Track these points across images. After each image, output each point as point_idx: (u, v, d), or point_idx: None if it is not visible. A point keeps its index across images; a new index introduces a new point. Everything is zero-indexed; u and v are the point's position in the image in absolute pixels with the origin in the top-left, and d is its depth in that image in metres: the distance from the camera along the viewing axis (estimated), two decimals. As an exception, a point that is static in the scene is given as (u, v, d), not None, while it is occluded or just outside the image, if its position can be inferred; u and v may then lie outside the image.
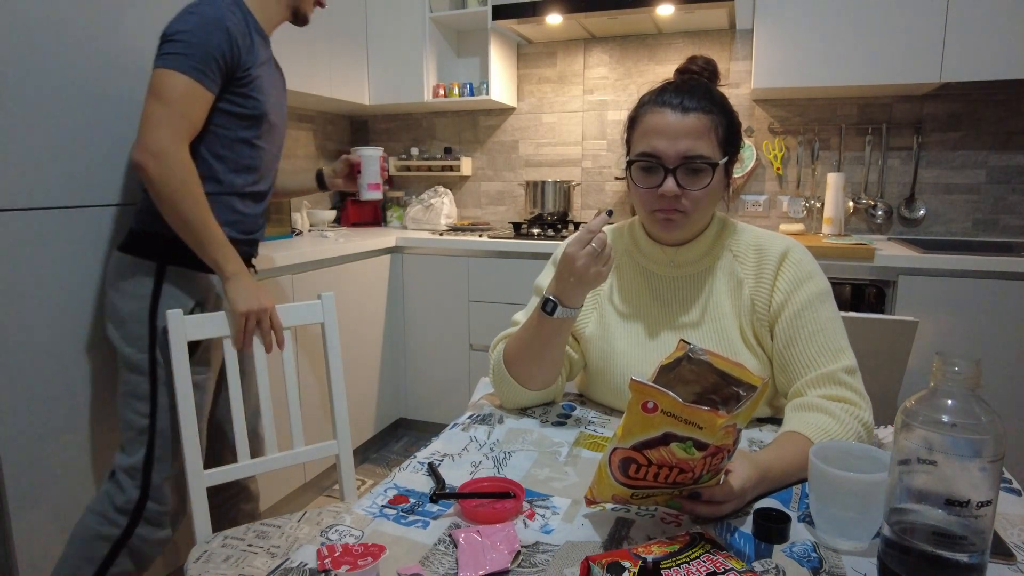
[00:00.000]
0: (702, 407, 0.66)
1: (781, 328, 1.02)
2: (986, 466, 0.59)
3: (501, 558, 0.68)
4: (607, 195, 3.12)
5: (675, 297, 1.10)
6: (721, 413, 0.66)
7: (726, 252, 1.10)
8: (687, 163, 0.99)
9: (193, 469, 1.31)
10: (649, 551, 0.66)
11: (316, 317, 1.49)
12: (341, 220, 3.31)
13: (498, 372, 1.11)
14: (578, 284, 0.97)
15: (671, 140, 0.98)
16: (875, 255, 2.17)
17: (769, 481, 0.82)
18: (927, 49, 2.25)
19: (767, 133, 2.82)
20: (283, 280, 2.18)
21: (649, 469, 0.70)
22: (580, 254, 0.95)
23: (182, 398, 1.30)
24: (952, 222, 2.64)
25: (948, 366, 0.61)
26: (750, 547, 0.72)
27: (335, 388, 1.50)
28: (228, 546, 1.28)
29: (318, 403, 2.38)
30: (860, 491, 0.69)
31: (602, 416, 1.12)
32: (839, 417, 0.91)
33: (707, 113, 0.99)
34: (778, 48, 2.42)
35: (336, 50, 2.78)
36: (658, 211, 1.03)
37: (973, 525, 0.60)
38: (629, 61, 2.99)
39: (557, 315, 1.00)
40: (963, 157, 2.59)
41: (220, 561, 1.23)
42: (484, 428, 1.06)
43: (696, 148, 0.98)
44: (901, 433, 0.63)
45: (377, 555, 0.66)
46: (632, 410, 0.69)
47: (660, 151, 0.99)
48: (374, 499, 0.84)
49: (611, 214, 1.01)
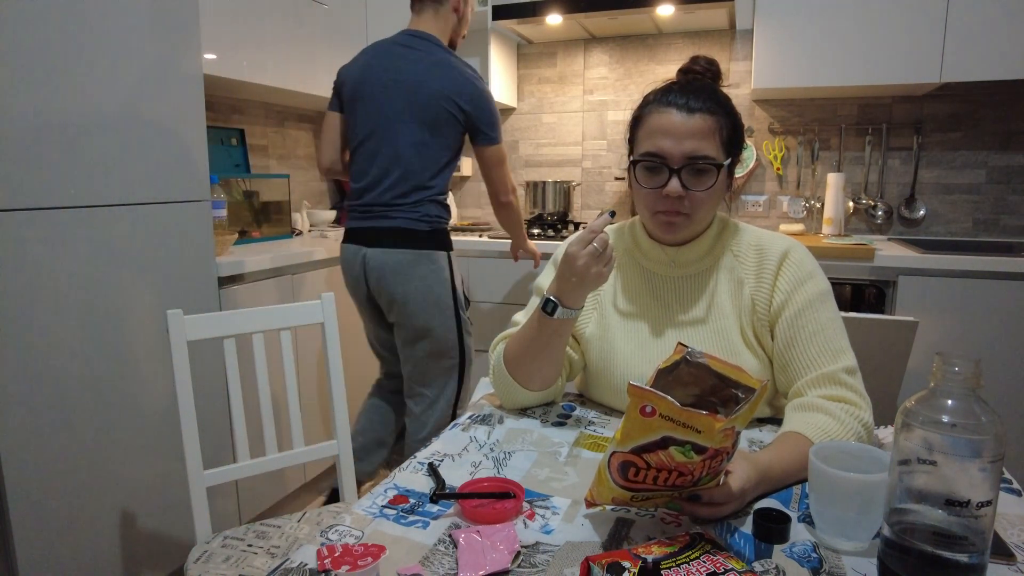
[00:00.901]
0: (700, 411, 0.66)
1: (781, 328, 1.02)
2: (986, 466, 0.59)
3: (501, 558, 0.68)
4: (607, 195, 3.12)
5: (675, 297, 1.10)
6: (719, 417, 0.66)
7: (727, 252, 1.10)
8: (691, 164, 0.99)
9: (193, 469, 1.31)
10: (649, 551, 0.66)
11: (316, 317, 1.49)
12: (341, 220, 3.31)
13: (498, 372, 1.11)
14: (579, 284, 0.97)
15: (676, 140, 0.98)
16: (875, 255, 2.17)
17: (769, 481, 0.82)
18: (927, 49, 2.25)
19: (767, 133, 2.82)
20: (283, 280, 2.18)
21: (648, 473, 0.70)
22: (581, 253, 0.95)
23: (182, 398, 1.30)
24: (952, 222, 2.64)
25: (948, 366, 0.61)
26: (750, 547, 0.72)
27: (335, 388, 1.50)
28: (228, 546, 1.28)
29: (318, 403, 2.38)
30: (860, 491, 0.69)
31: (602, 416, 1.12)
32: (839, 417, 0.91)
33: (712, 114, 0.99)
34: (778, 48, 2.42)
35: (336, 50, 2.78)
36: (660, 213, 1.03)
37: (973, 525, 0.60)
38: (629, 61, 2.99)
39: (557, 316, 1.00)
40: (963, 157, 2.59)
41: (220, 561, 1.23)
42: (484, 428, 1.06)
43: (701, 149, 0.98)
44: (901, 433, 0.63)
45: (377, 555, 0.66)
46: (630, 414, 0.69)
47: (665, 151, 0.99)
48: (374, 499, 0.84)
49: (613, 215, 1.00)
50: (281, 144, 3.01)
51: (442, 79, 1.94)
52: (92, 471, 1.59)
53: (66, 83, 1.48)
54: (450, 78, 1.94)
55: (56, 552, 1.50)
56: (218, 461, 1.50)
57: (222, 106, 2.65)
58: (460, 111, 1.95)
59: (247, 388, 1.43)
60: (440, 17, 2.04)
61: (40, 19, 1.42)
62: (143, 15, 1.64)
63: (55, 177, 1.48)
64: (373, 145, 1.99)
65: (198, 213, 1.83)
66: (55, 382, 1.50)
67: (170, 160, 1.73)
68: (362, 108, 2.01)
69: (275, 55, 2.42)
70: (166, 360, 1.71)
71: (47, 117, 1.45)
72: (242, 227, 2.47)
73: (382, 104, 1.97)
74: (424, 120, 1.94)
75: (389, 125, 1.96)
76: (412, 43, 2.00)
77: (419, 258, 1.96)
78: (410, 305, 1.98)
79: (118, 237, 1.62)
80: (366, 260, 1.99)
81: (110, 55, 1.57)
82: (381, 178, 1.98)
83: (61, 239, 1.49)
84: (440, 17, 2.04)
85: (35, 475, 1.46)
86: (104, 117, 1.56)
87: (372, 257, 1.98)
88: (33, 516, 1.47)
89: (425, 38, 2.01)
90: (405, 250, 1.95)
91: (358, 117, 2.02)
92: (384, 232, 1.97)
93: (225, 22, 2.19)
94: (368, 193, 2.00)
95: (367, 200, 2.00)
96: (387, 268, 1.96)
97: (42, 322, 1.46)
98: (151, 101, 1.67)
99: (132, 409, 1.67)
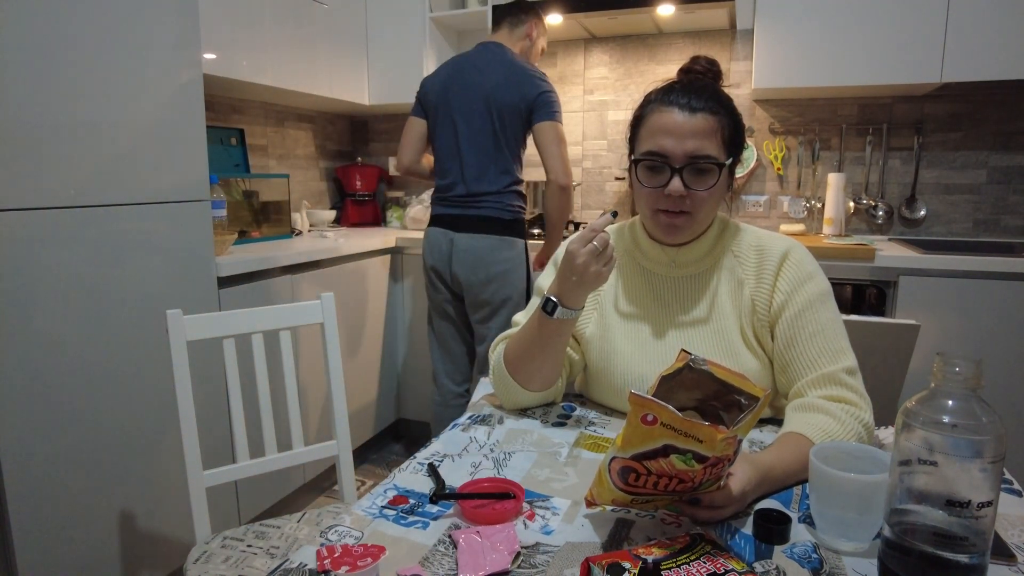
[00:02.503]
0: (702, 422, 0.65)
1: (781, 329, 1.02)
2: (987, 467, 0.59)
3: (501, 559, 0.68)
4: (607, 195, 3.12)
5: (676, 297, 1.10)
6: (721, 428, 0.65)
7: (727, 253, 1.09)
8: (693, 163, 0.99)
9: (193, 469, 1.31)
10: (649, 552, 0.66)
11: (316, 317, 1.49)
12: (341, 220, 3.31)
13: (498, 373, 1.11)
14: (579, 283, 0.97)
15: (678, 140, 0.98)
16: (876, 255, 2.17)
17: (770, 482, 0.82)
18: (928, 49, 2.25)
19: (767, 133, 2.82)
20: (283, 280, 2.18)
21: (649, 478, 0.70)
22: (582, 251, 0.95)
23: (182, 398, 1.30)
24: (953, 222, 2.63)
25: (949, 367, 0.61)
26: (750, 548, 0.72)
27: (334, 388, 1.49)
28: (228, 546, 1.28)
29: (318, 403, 2.38)
30: (861, 492, 0.69)
31: (602, 417, 1.12)
32: (840, 418, 0.91)
33: (714, 114, 0.99)
34: (778, 48, 2.42)
35: (336, 50, 2.78)
36: (662, 214, 1.03)
37: (974, 526, 0.59)
38: (629, 61, 2.99)
39: (557, 316, 1.00)
40: (964, 157, 2.59)
41: (220, 561, 1.23)
42: (484, 429, 1.06)
43: (703, 148, 0.98)
44: (902, 434, 0.62)
45: (377, 556, 0.66)
46: (631, 422, 0.68)
47: (667, 150, 0.99)
48: (374, 500, 0.83)
49: (615, 215, 1.00)
50: (281, 144, 3.01)
51: (508, 78, 2.13)
52: (92, 471, 1.59)
53: (66, 83, 1.48)
54: (514, 76, 2.14)
55: (55, 552, 1.50)
56: (218, 461, 1.49)
57: (222, 106, 2.65)
58: (526, 99, 2.12)
59: (247, 388, 1.42)
60: (514, 35, 2.28)
61: (39, 19, 1.42)
62: (143, 15, 1.63)
63: (55, 177, 1.48)
64: (457, 142, 2.20)
65: (198, 213, 1.83)
66: (55, 382, 1.49)
67: (170, 160, 1.73)
68: (444, 114, 2.22)
69: (275, 55, 2.42)
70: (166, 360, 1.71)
71: (47, 117, 1.45)
72: (242, 227, 2.47)
73: (464, 105, 2.18)
74: (498, 118, 2.14)
75: (470, 123, 2.17)
76: (485, 52, 2.23)
77: (501, 244, 2.18)
78: (492, 285, 2.19)
79: (118, 237, 1.61)
80: (454, 243, 2.21)
81: (110, 55, 1.57)
82: (465, 171, 2.19)
83: (61, 239, 1.49)
84: (514, 35, 2.28)
85: (35, 475, 1.46)
86: (104, 117, 1.56)
87: (460, 241, 2.20)
88: (33, 516, 1.46)
89: (497, 46, 2.23)
90: (490, 236, 2.17)
91: (440, 120, 2.24)
92: (472, 220, 2.19)
93: (225, 22, 2.19)
94: (456, 186, 2.22)
95: (456, 192, 2.22)
96: (472, 251, 2.18)
97: (42, 322, 1.46)
98: (151, 101, 1.67)
99: (132, 409, 1.67)
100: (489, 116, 2.15)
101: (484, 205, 2.19)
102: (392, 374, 2.88)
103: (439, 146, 2.27)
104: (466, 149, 2.19)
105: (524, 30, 2.28)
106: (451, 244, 2.22)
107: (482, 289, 2.20)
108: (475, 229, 2.18)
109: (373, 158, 3.51)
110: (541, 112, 2.13)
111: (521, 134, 2.20)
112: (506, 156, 2.18)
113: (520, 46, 2.28)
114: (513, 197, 2.21)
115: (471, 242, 2.18)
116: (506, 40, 2.27)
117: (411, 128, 2.35)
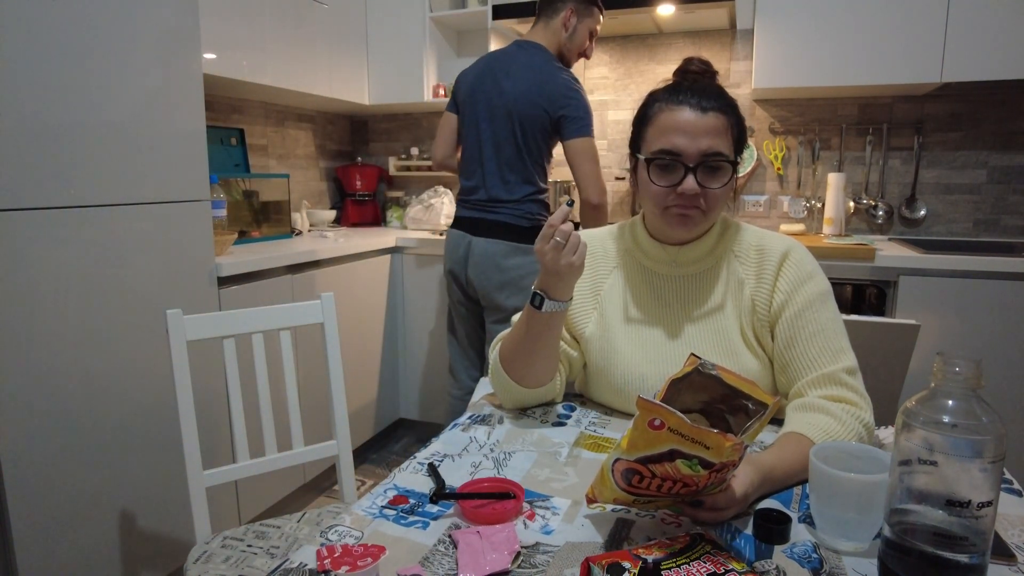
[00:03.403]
0: (711, 430, 0.65)
1: (782, 328, 1.02)
2: (987, 467, 0.59)
3: (501, 559, 0.68)
4: (607, 195, 3.11)
5: (676, 297, 1.10)
6: (730, 436, 0.65)
7: (728, 252, 1.09)
8: (707, 160, 0.99)
9: (193, 469, 1.31)
10: (649, 552, 0.66)
11: (316, 317, 1.49)
12: (341, 220, 3.31)
13: (495, 371, 1.11)
14: (557, 278, 0.98)
15: (692, 138, 0.98)
16: (876, 255, 2.17)
17: (771, 483, 0.82)
18: (928, 49, 2.25)
19: (767, 133, 2.82)
20: (283, 280, 2.18)
21: (652, 481, 0.69)
22: (546, 249, 0.96)
23: (182, 398, 1.30)
24: (953, 222, 2.63)
25: (949, 366, 0.61)
26: (751, 548, 0.72)
27: (334, 388, 1.49)
28: (228, 546, 1.28)
29: (318, 403, 2.38)
30: (861, 492, 0.69)
31: (602, 416, 1.12)
32: (840, 418, 0.91)
33: (724, 113, 1.00)
34: (778, 48, 2.42)
35: (336, 50, 2.78)
36: (675, 206, 1.02)
37: (974, 526, 0.59)
38: (629, 61, 2.99)
39: (545, 309, 1.00)
40: (964, 157, 2.59)
41: (220, 561, 1.23)
42: (484, 428, 1.06)
43: (716, 146, 0.99)
44: (902, 434, 0.62)
45: (377, 556, 0.66)
46: (638, 425, 0.68)
47: (681, 148, 0.99)
48: (374, 500, 0.83)
49: (571, 204, 1.00)
50: (281, 144, 3.01)
51: (532, 87, 2.08)
52: (92, 471, 1.59)
53: (65, 83, 1.48)
54: (540, 85, 2.08)
55: (55, 552, 1.50)
56: (218, 461, 1.50)
57: (222, 106, 2.65)
58: (551, 111, 2.07)
59: (247, 388, 1.42)
60: (549, 30, 2.17)
61: (39, 19, 1.42)
62: (143, 15, 1.63)
63: (55, 177, 1.47)
64: (480, 145, 2.17)
65: (198, 213, 1.83)
66: (55, 382, 1.49)
67: (169, 160, 1.73)
68: (471, 111, 2.19)
69: (275, 55, 2.42)
70: (166, 360, 1.71)
71: (47, 117, 1.45)
72: (242, 227, 2.47)
73: (488, 109, 2.14)
74: (519, 129, 2.11)
75: (494, 128, 2.14)
76: (519, 51, 2.16)
77: (516, 250, 2.15)
78: (505, 290, 2.16)
79: (118, 237, 1.61)
80: (471, 246, 2.19)
81: (110, 55, 1.57)
82: (487, 176, 2.18)
83: (61, 239, 1.49)
84: (549, 30, 2.17)
85: (35, 475, 1.46)
86: (104, 117, 1.56)
87: (477, 244, 2.18)
88: (33, 516, 1.46)
89: (531, 46, 2.16)
90: (506, 242, 2.15)
91: (467, 120, 2.21)
92: (489, 224, 2.17)
93: (225, 22, 2.18)
94: (478, 190, 2.20)
95: (478, 196, 2.21)
96: (487, 256, 2.16)
97: (42, 322, 1.46)
98: (151, 101, 1.67)
99: (132, 409, 1.67)
100: (511, 125, 2.11)
101: (503, 211, 2.16)
102: (392, 374, 2.88)
103: (465, 146, 2.25)
104: (488, 155, 2.16)
105: (559, 21, 2.14)
106: (468, 247, 2.20)
107: (496, 294, 2.18)
108: (492, 234, 2.16)
109: (373, 158, 3.51)
110: (569, 129, 2.08)
111: (545, 145, 2.15)
112: (528, 166, 2.14)
113: (556, 42, 2.17)
114: (533, 206, 2.18)
115: (487, 246, 2.16)
116: (541, 37, 2.17)
117: (445, 123, 2.32)
